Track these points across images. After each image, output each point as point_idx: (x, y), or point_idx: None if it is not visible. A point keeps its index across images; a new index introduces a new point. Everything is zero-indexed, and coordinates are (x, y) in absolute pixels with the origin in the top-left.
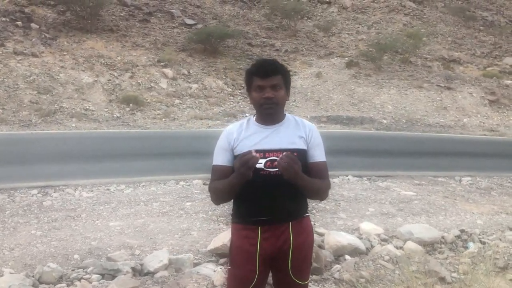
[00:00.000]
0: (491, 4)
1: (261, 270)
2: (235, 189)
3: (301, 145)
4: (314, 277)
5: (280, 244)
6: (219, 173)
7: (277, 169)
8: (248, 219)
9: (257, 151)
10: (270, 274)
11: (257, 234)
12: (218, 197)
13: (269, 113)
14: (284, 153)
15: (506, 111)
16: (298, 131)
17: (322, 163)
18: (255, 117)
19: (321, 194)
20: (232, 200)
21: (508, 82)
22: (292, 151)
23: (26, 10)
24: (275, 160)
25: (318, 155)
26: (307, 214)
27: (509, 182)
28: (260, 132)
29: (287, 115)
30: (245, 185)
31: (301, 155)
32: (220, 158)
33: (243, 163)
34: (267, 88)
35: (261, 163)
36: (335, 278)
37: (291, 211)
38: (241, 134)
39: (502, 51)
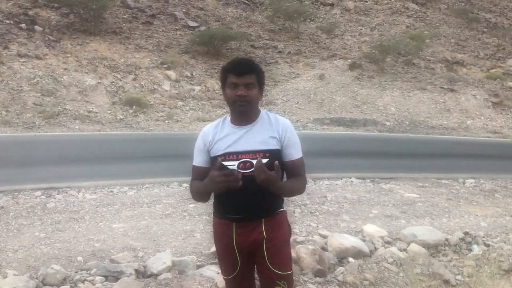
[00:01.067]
0: (494, 6)
1: (243, 260)
2: (209, 194)
3: (274, 145)
4: (317, 279)
5: (253, 238)
6: (196, 173)
7: (249, 170)
8: (224, 215)
9: (230, 153)
10: None
11: (231, 229)
12: (196, 197)
13: (242, 110)
14: (256, 165)
15: (510, 113)
16: (270, 131)
17: (298, 160)
18: (230, 117)
19: (298, 192)
20: (213, 196)
21: None
22: (264, 152)
23: (30, 12)
24: (247, 161)
25: (294, 153)
26: (282, 210)
27: None
28: (234, 134)
29: (262, 112)
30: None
31: (273, 155)
32: (197, 158)
33: (223, 180)
34: (241, 86)
35: (234, 165)
36: (338, 281)
37: (264, 208)
38: (216, 136)
39: (505, 53)
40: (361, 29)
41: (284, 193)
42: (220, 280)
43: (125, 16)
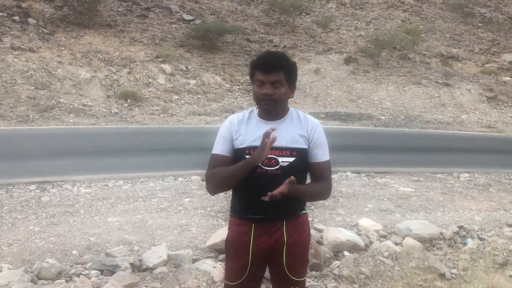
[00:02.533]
0: (489, 1)
1: (254, 265)
2: (238, 175)
3: (302, 144)
4: (313, 273)
5: (273, 241)
6: (217, 162)
7: (274, 167)
8: (243, 215)
9: (255, 147)
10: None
11: (251, 230)
12: (217, 183)
13: (267, 109)
14: (274, 192)
15: (504, 108)
16: (299, 129)
17: (324, 163)
18: (257, 110)
19: (321, 197)
20: (232, 194)
21: (506, 78)
22: (291, 150)
23: (24, 5)
24: (273, 158)
25: (321, 154)
26: (304, 212)
27: (507, 178)
28: (261, 127)
29: (291, 110)
30: (242, 181)
31: (300, 154)
32: (220, 147)
33: (263, 146)
34: (267, 84)
35: None
36: (334, 274)
37: (286, 209)
38: (242, 127)
39: (500, 47)
40: (357, 23)
41: (309, 197)
42: (216, 274)
43: (119, 9)
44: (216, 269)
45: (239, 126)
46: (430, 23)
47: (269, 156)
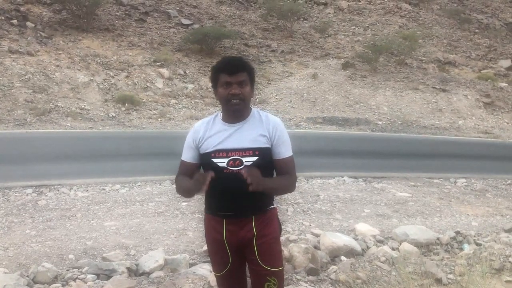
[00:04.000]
0: (486, 7)
1: (233, 255)
2: (192, 194)
3: (263, 144)
4: (310, 277)
5: (243, 234)
6: (184, 168)
7: (238, 167)
8: (215, 212)
9: (220, 150)
10: None
11: (222, 225)
12: (178, 191)
13: (236, 108)
14: (245, 169)
15: (501, 114)
16: (261, 129)
17: (287, 159)
18: (221, 114)
19: (287, 190)
20: (205, 193)
21: (503, 84)
22: (253, 149)
23: (22, 8)
24: (237, 159)
25: (284, 151)
26: (273, 206)
27: (504, 184)
28: (224, 131)
29: (253, 110)
30: (211, 181)
31: (263, 153)
32: (186, 154)
33: (202, 182)
34: (234, 84)
35: (224, 162)
36: (331, 279)
37: (254, 206)
38: (206, 133)
39: (497, 53)
40: (354, 28)
41: (271, 192)
42: (213, 278)
43: (118, 13)
44: (212, 273)
45: (204, 132)
46: (427, 29)
47: (234, 157)
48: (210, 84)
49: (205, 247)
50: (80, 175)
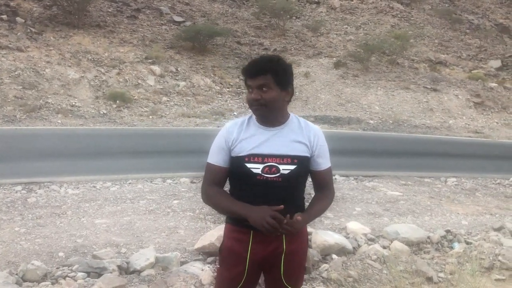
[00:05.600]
0: (477, 8)
1: (250, 273)
2: (230, 214)
3: (303, 152)
4: None
5: (272, 249)
6: (212, 172)
7: (274, 175)
8: (242, 222)
9: (255, 155)
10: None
11: (249, 237)
12: (213, 207)
13: (259, 114)
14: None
15: (491, 113)
16: (301, 136)
17: (326, 171)
18: (255, 116)
19: (326, 210)
20: None
21: (493, 84)
22: (292, 157)
23: (12, 3)
24: (273, 166)
25: (324, 162)
26: None
27: (493, 183)
28: (260, 134)
29: (291, 116)
30: (241, 188)
31: (301, 162)
32: (215, 157)
33: (270, 223)
34: (254, 89)
35: (259, 168)
36: (323, 277)
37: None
38: (241, 135)
39: (487, 54)
40: (347, 27)
41: (314, 219)
42: (204, 277)
43: (109, 10)
44: (204, 272)
45: (238, 134)
46: (419, 29)
47: (270, 163)
48: (202, 82)
49: (197, 245)
50: (71, 172)
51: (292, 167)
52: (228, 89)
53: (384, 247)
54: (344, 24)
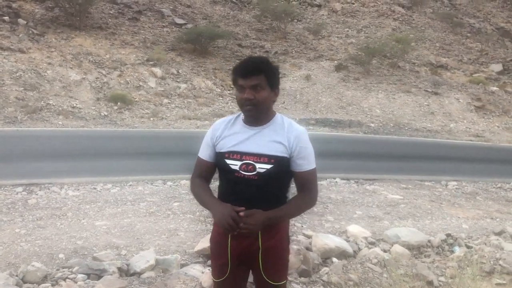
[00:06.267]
0: (478, 12)
1: (234, 264)
2: (205, 207)
3: (281, 152)
4: (302, 279)
5: (246, 245)
6: (200, 166)
7: (251, 173)
8: None
9: (234, 152)
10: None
11: (227, 234)
12: (194, 196)
13: (250, 114)
14: (243, 221)
15: (492, 117)
16: (281, 137)
17: (307, 173)
18: (243, 115)
19: (303, 211)
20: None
21: (494, 88)
22: (269, 157)
23: (14, 5)
24: (250, 164)
25: (305, 164)
26: None
27: (494, 187)
28: (243, 133)
29: (277, 116)
30: (224, 183)
31: (279, 162)
32: (203, 152)
33: (228, 223)
34: (247, 88)
35: (237, 165)
36: (323, 281)
37: None
38: (225, 132)
39: (488, 58)
40: (348, 30)
41: (283, 219)
42: (204, 279)
43: (111, 12)
44: (204, 274)
45: (222, 131)
46: (420, 32)
47: (247, 161)
48: (203, 84)
49: (197, 248)
50: (71, 174)
51: (269, 166)
52: (229, 91)
53: (384, 251)
54: (346, 27)
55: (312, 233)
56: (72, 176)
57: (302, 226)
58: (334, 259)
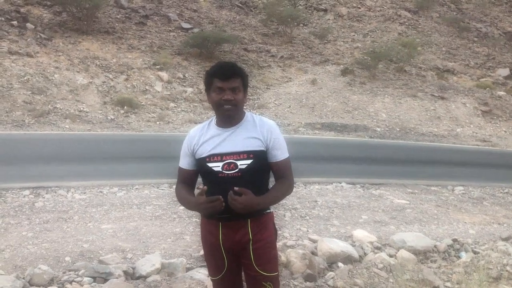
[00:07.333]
0: (485, 16)
1: (229, 259)
2: (187, 207)
3: (258, 147)
4: (308, 283)
5: (238, 238)
6: (182, 175)
7: (233, 171)
8: (211, 216)
9: (214, 154)
10: None
11: (218, 228)
12: (180, 203)
13: (229, 114)
14: (229, 198)
15: (499, 122)
16: (254, 132)
17: (283, 161)
18: (215, 119)
19: (284, 197)
20: None
21: (501, 93)
22: (248, 153)
23: (22, 10)
24: (232, 163)
25: (279, 154)
26: (269, 211)
27: (501, 192)
28: (218, 136)
29: (247, 114)
30: (209, 185)
31: (257, 156)
32: (183, 161)
33: (209, 207)
34: (227, 90)
35: (219, 166)
36: (329, 285)
37: None
38: (201, 138)
39: (495, 62)
40: (354, 35)
41: (271, 204)
42: (210, 283)
43: (118, 16)
44: (209, 278)
45: (199, 138)
46: (426, 37)
47: (228, 161)
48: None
49: (202, 252)
50: (78, 177)
51: (249, 161)
52: None
53: (390, 256)
54: (351, 32)
55: (317, 238)
56: (78, 179)
57: (308, 231)
58: (340, 264)
